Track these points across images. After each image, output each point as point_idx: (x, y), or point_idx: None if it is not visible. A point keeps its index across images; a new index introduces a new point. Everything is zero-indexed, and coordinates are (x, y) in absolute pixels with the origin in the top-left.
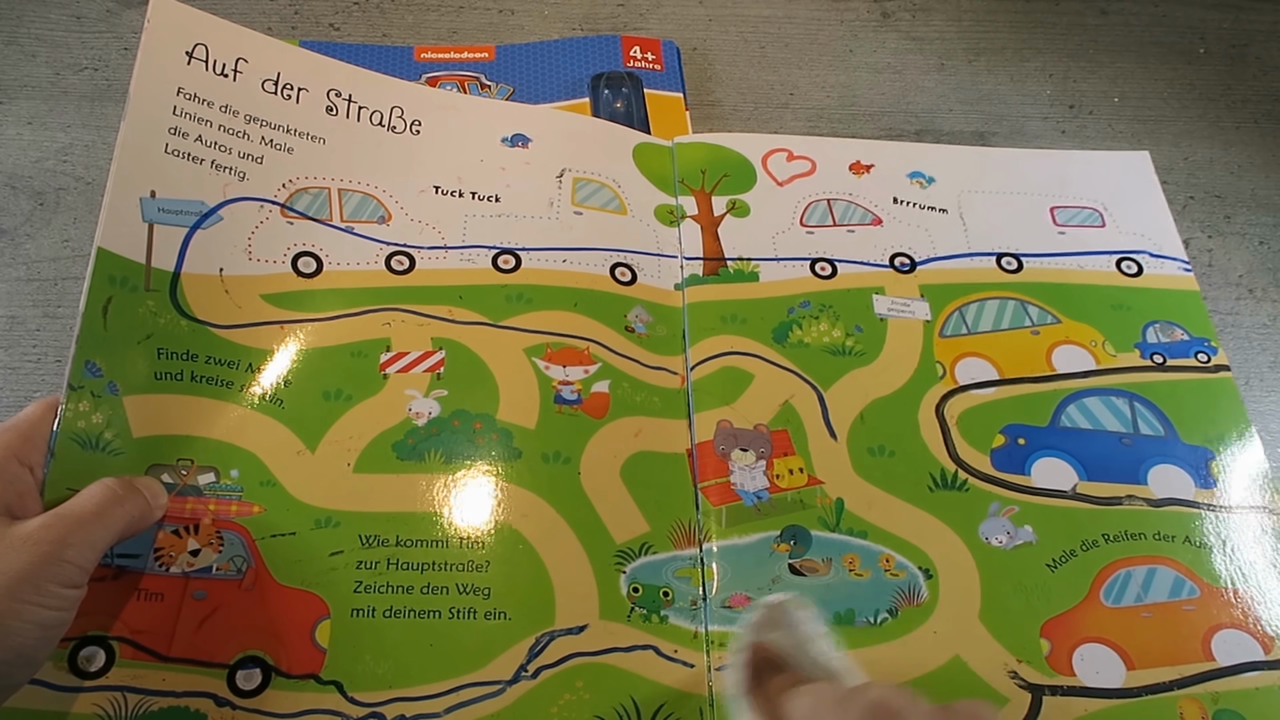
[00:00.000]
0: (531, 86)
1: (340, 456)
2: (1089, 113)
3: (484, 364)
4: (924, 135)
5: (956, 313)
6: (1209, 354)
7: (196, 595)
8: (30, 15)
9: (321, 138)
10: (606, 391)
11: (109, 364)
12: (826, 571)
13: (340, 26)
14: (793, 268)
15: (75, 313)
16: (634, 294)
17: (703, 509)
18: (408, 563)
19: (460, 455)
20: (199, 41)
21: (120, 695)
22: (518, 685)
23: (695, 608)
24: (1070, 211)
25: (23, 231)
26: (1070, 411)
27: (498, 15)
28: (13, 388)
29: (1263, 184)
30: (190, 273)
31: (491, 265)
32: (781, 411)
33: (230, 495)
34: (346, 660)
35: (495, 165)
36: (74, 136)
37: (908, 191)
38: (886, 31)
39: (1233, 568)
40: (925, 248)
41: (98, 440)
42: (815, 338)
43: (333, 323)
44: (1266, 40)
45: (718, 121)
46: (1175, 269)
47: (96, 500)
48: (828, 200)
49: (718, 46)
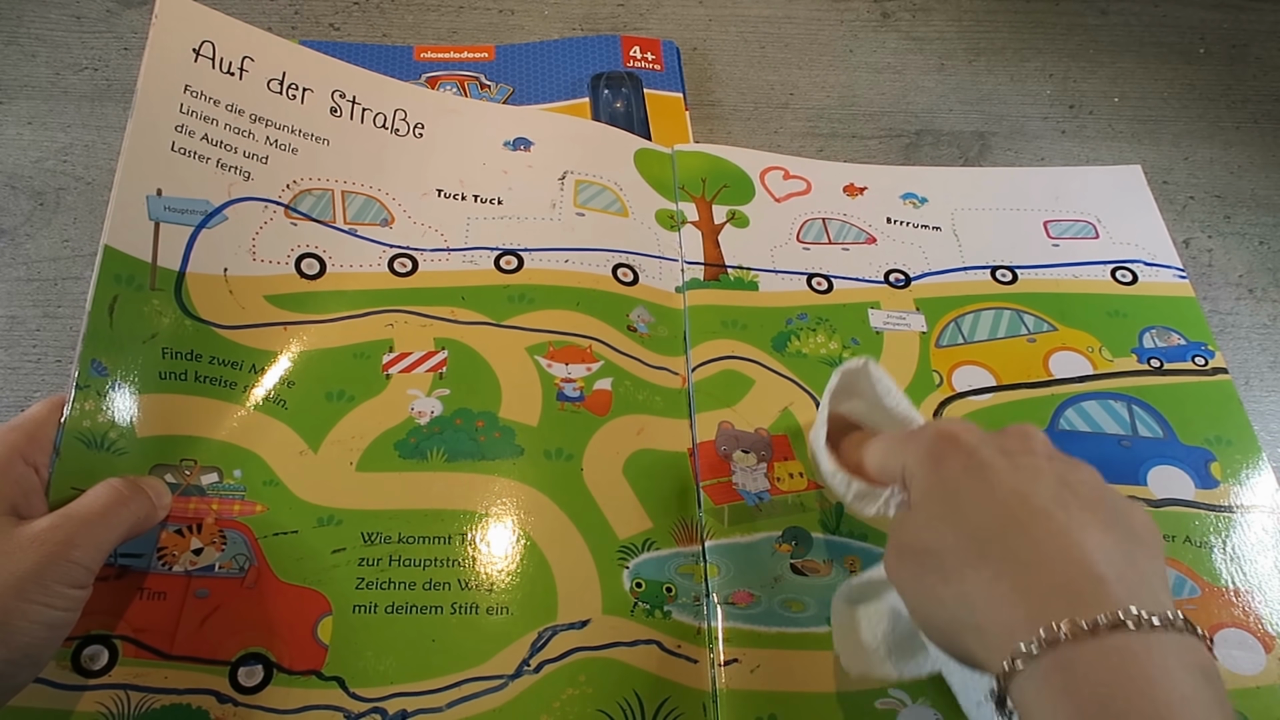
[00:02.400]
0: (531, 86)
1: (343, 456)
2: (1089, 113)
3: (486, 363)
4: (924, 135)
5: (952, 323)
6: (1206, 357)
7: (199, 594)
8: (30, 15)
9: (325, 139)
10: (609, 389)
11: (114, 363)
12: (828, 572)
13: (340, 26)
14: (790, 280)
15: (75, 313)
16: (636, 294)
17: (705, 507)
18: (410, 559)
19: (462, 453)
20: (206, 39)
21: (123, 693)
22: (520, 680)
23: (698, 604)
24: (1064, 224)
25: (23, 231)
26: (1069, 415)
27: (498, 15)
28: (13, 388)
29: (1263, 184)
30: (195, 272)
31: (494, 266)
32: (781, 417)
33: (233, 495)
34: (348, 656)
35: (498, 168)
36: (74, 136)
37: (901, 211)
38: (886, 31)
39: (1234, 567)
40: (920, 264)
41: (103, 440)
42: (813, 349)
43: (336, 324)
44: (1266, 40)
45: (718, 122)
46: (1170, 276)
47: (103, 501)
48: (823, 219)
49: (718, 46)
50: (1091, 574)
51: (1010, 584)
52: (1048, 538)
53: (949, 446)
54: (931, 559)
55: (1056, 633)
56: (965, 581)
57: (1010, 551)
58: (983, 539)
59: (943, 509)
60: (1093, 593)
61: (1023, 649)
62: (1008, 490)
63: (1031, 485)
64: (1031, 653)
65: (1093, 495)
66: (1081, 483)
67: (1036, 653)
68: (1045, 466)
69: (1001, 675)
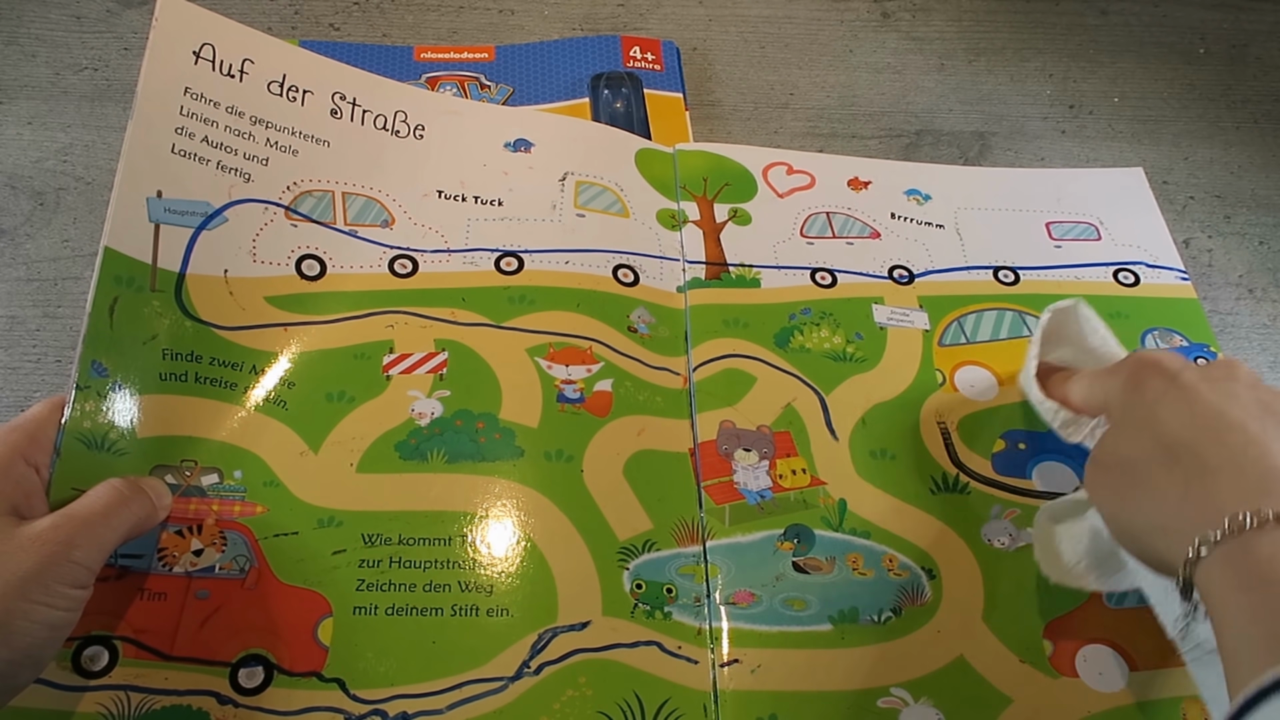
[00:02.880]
0: (531, 87)
1: (343, 457)
2: (1089, 113)
3: (486, 364)
4: (924, 135)
5: (955, 323)
6: (1208, 359)
7: (199, 595)
8: (30, 15)
9: (326, 140)
10: (609, 390)
11: (115, 364)
12: (830, 570)
13: (340, 26)
14: (794, 276)
15: (75, 313)
16: (636, 295)
17: (706, 507)
18: (410, 561)
19: (463, 454)
20: (206, 41)
21: (123, 694)
22: (520, 682)
23: (699, 604)
24: (1066, 226)
25: (23, 231)
26: None
27: (498, 15)
28: (13, 388)
29: (1263, 184)
30: (195, 274)
31: (494, 267)
32: (784, 414)
33: (233, 496)
34: (349, 658)
35: (498, 170)
36: (74, 136)
37: (905, 208)
38: (886, 31)
39: None
40: (923, 261)
41: (103, 440)
42: (816, 343)
43: (336, 325)
44: (1266, 40)
45: (717, 122)
46: (1173, 278)
47: (104, 501)
48: (827, 213)
49: (718, 46)
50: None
51: (1200, 485)
52: (1240, 446)
53: (1151, 371)
54: (1127, 468)
55: (1241, 522)
56: (1156, 485)
57: (1201, 458)
58: (1176, 447)
59: (1141, 423)
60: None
61: (1209, 536)
62: (1205, 405)
63: (1229, 403)
64: (1216, 540)
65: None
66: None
67: (1220, 539)
68: (1246, 392)
69: (1186, 562)
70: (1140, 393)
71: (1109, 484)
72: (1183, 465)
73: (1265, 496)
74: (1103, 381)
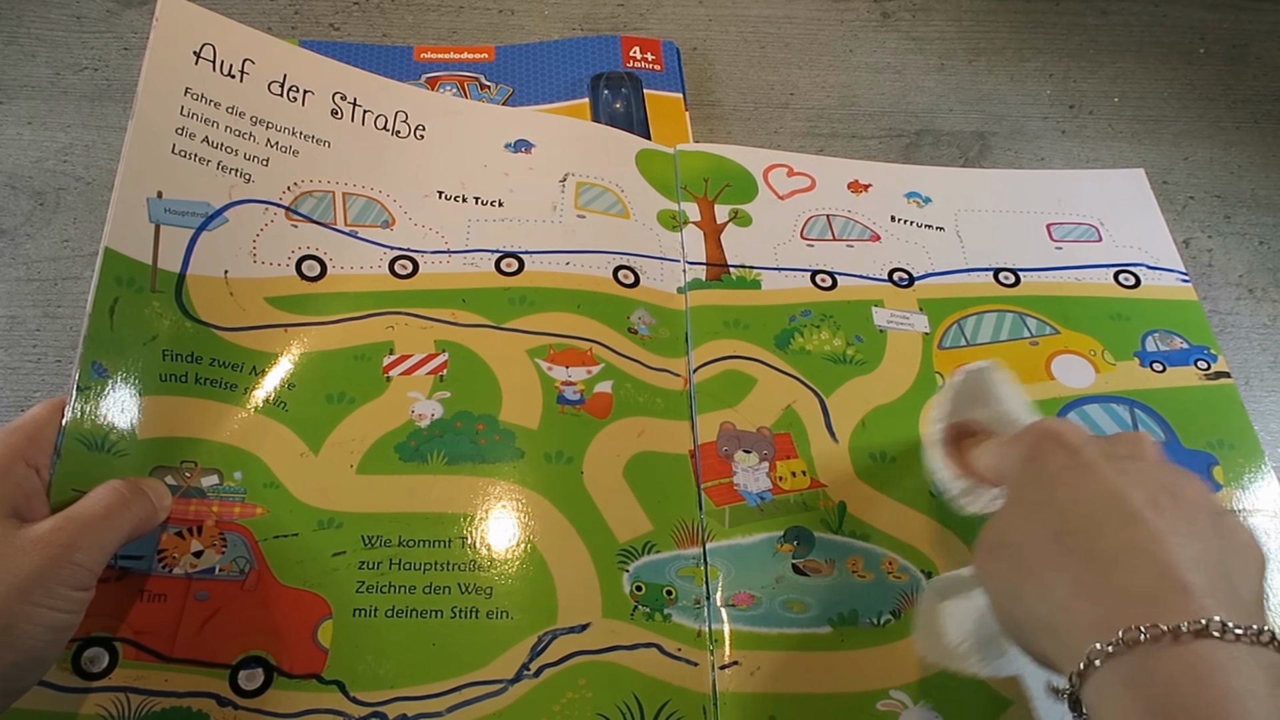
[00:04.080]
0: (531, 87)
1: (343, 458)
2: (1089, 113)
3: (486, 366)
4: (924, 135)
5: (955, 325)
6: (1209, 361)
7: (199, 596)
8: (30, 15)
9: (326, 141)
10: (609, 392)
11: (115, 365)
12: (830, 572)
13: (340, 26)
14: (794, 278)
15: (75, 313)
16: (637, 296)
17: (706, 509)
18: (410, 563)
19: (463, 456)
20: (207, 41)
21: (123, 696)
22: (520, 684)
23: (699, 606)
24: (1066, 228)
25: (23, 231)
26: (1071, 418)
27: (498, 15)
28: (13, 388)
29: (1263, 184)
30: (196, 274)
31: (494, 268)
32: (784, 415)
33: (233, 497)
34: (348, 660)
35: (499, 170)
36: (74, 136)
37: (905, 210)
38: (886, 31)
39: None
40: (923, 263)
41: (103, 441)
42: (816, 346)
43: (336, 326)
44: (1266, 40)
45: (718, 122)
46: (1173, 280)
47: (105, 503)
48: (827, 216)
49: (718, 46)
50: (1178, 580)
51: (1092, 583)
52: (1137, 541)
53: (1051, 444)
54: (1015, 553)
55: (1136, 634)
56: (1045, 578)
57: (1096, 551)
58: (1069, 536)
59: (1033, 504)
60: (1177, 599)
61: (1099, 648)
62: (1104, 490)
63: (1129, 488)
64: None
65: (1194, 504)
66: (1184, 490)
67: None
68: (1149, 472)
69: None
70: (1038, 468)
71: (995, 571)
72: (1075, 558)
73: (1161, 606)
74: (1006, 451)
